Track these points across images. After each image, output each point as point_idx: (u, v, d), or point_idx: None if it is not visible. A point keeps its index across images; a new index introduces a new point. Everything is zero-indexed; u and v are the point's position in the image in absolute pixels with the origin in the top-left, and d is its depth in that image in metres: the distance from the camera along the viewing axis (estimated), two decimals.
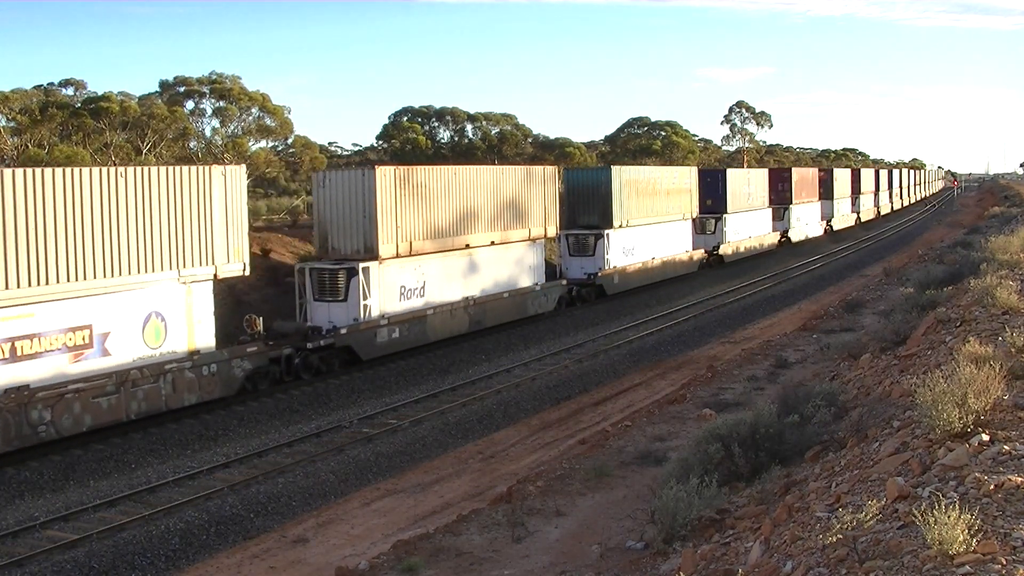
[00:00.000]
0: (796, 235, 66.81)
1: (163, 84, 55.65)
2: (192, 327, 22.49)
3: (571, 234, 40.81)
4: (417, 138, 73.27)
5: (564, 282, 38.48)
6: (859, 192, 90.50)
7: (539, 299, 35.74)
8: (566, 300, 38.53)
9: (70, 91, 56.45)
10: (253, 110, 54.50)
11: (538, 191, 35.91)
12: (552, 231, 37.08)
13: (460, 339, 31.74)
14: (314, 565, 14.90)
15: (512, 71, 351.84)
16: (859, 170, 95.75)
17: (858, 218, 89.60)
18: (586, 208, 41.92)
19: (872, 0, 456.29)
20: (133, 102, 50.31)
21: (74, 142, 45.20)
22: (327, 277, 27.80)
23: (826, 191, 76.73)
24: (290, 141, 61.07)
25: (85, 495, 18.13)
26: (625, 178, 42.68)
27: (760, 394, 21.67)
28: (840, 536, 7.44)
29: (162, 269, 21.66)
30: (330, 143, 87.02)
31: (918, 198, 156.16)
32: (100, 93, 51.02)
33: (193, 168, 23.18)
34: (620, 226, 41.73)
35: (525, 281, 35.20)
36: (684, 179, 48.99)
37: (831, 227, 77.21)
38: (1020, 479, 7.38)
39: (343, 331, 26.85)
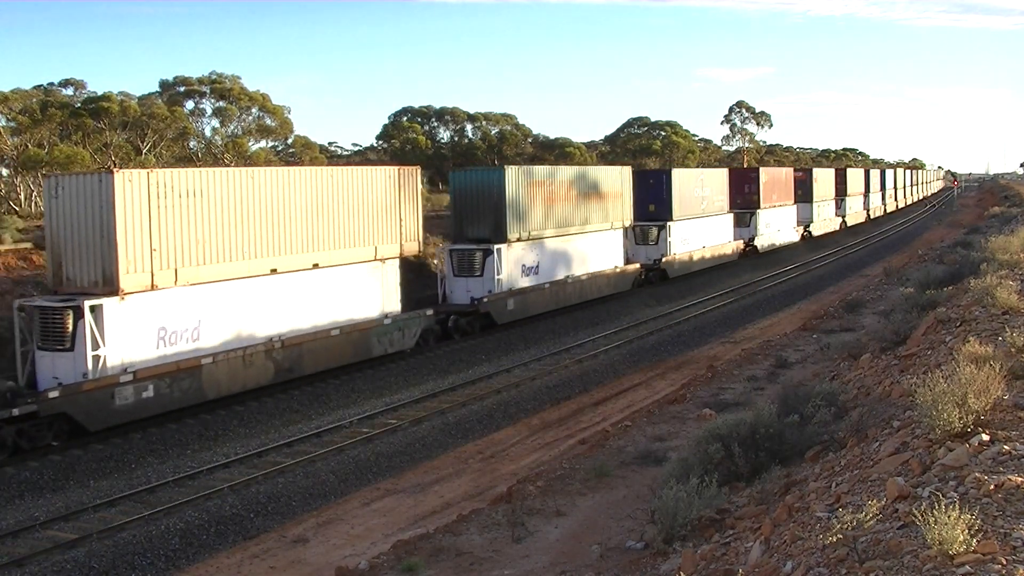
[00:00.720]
0: (763, 243, 59.39)
1: (163, 84, 55.79)
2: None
3: (455, 250, 33.94)
4: (417, 138, 73.31)
5: (430, 312, 31.06)
6: (845, 194, 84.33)
7: (389, 335, 28.68)
8: (436, 334, 31.68)
9: (70, 91, 56.53)
10: (253, 110, 54.61)
11: (389, 198, 29.09)
12: (413, 247, 30.33)
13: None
14: (314, 565, 14.91)
15: (512, 71, 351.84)
16: (845, 170, 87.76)
17: (843, 222, 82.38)
18: (475, 218, 34.51)
19: (872, 0, 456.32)
20: (133, 102, 50.36)
21: (74, 142, 45.24)
22: (50, 319, 21.02)
23: (804, 193, 70.34)
24: (290, 141, 61.22)
25: (85, 495, 18.13)
26: (525, 180, 35.34)
27: (760, 394, 21.67)
28: (840, 536, 7.44)
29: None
30: (330, 143, 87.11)
31: (915, 199, 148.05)
32: (100, 93, 51.11)
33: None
34: (517, 239, 34.58)
35: (366, 312, 28.16)
36: (614, 181, 41.60)
37: (809, 233, 70.11)
38: (1020, 479, 7.38)
39: (54, 395, 19.86)
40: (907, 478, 8.31)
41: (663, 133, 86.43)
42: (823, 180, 75.90)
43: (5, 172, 47.00)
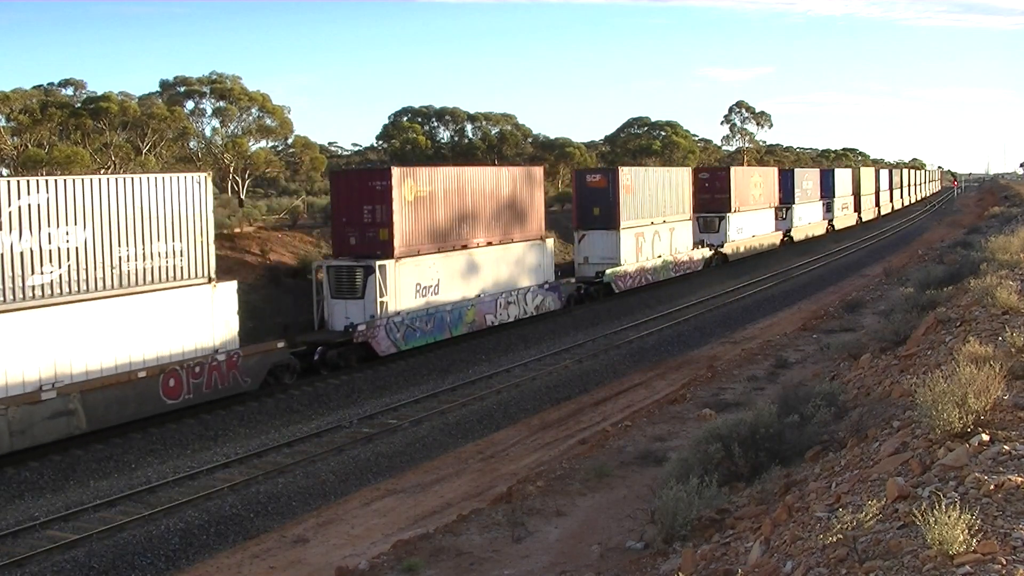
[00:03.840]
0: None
1: (163, 84, 55.76)
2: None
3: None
4: (417, 138, 73.29)
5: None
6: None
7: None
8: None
9: (70, 91, 56.52)
10: (253, 110, 54.57)
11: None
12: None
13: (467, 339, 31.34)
14: (314, 565, 14.91)
15: (512, 71, 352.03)
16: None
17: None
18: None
19: (872, 0, 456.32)
20: (133, 102, 50.35)
21: (74, 142, 45.25)
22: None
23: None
24: (290, 141, 61.18)
25: (85, 495, 18.13)
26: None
27: (760, 394, 21.67)
28: (840, 536, 7.44)
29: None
30: (330, 143, 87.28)
31: (910, 202, 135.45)
32: (100, 93, 51.10)
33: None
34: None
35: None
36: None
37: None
38: (1020, 479, 7.38)
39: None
40: (907, 478, 8.31)
41: (663, 133, 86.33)
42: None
43: (5, 172, 46.97)
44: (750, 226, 57.03)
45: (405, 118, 77.14)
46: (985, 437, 8.49)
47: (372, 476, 19.64)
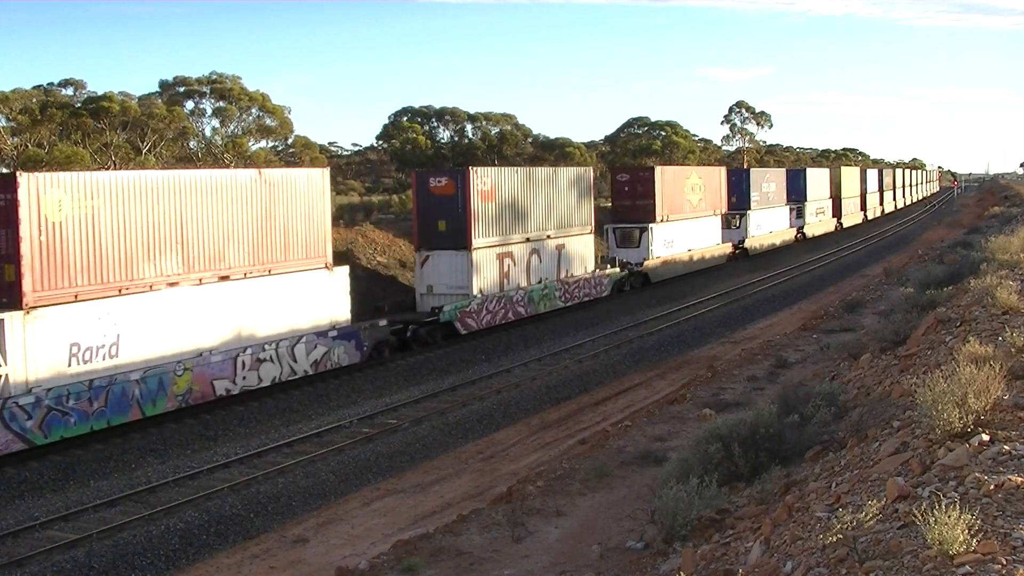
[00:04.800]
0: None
1: (163, 84, 55.77)
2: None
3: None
4: (417, 138, 73.30)
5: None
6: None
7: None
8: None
9: (70, 91, 56.56)
10: (253, 110, 54.57)
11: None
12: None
13: (460, 340, 31.44)
14: (314, 565, 14.91)
15: (512, 71, 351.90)
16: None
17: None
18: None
19: (872, 0, 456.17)
20: (133, 102, 50.37)
21: (74, 142, 45.26)
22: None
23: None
24: (290, 141, 61.15)
25: (85, 495, 18.13)
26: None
27: (760, 394, 21.67)
28: (840, 536, 7.44)
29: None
30: (330, 143, 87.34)
31: (904, 205, 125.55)
32: (100, 93, 51.13)
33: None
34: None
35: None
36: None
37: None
38: (1020, 479, 7.38)
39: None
40: (907, 478, 8.31)
41: (663, 133, 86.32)
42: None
43: (5, 172, 46.98)
44: (684, 238, 47.68)
45: (405, 118, 77.18)
46: (985, 437, 8.49)
47: (372, 476, 19.64)
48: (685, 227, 48.02)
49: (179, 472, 19.40)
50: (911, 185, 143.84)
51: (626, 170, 50.09)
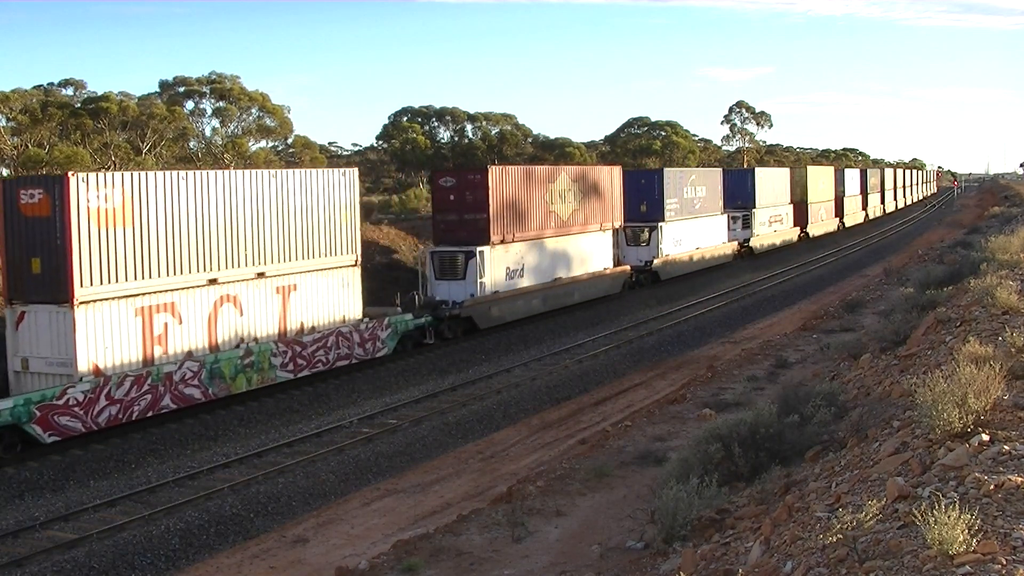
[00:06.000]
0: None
1: (163, 84, 55.82)
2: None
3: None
4: (417, 138, 73.32)
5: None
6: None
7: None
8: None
9: (70, 91, 56.54)
10: (253, 110, 54.61)
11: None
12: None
13: (459, 341, 31.40)
14: (314, 565, 14.91)
15: (512, 71, 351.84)
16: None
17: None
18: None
19: (872, 0, 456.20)
20: (132, 102, 50.36)
21: (73, 142, 45.27)
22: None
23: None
24: (290, 141, 61.22)
25: (85, 495, 18.12)
26: None
27: (760, 394, 21.67)
28: (840, 536, 7.44)
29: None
30: (330, 143, 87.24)
31: (895, 208, 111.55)
32: (100, 93, 51.13)
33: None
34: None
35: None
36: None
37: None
38: (1020, 479, 7.38)
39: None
40: (907, 478, 8.31)
41: (663, 133, 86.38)
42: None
43: (6, 172, 46.98)
44: (545, 264, 35.92)
45: (405, 118, 77.22)
46: (985, 437, 8.49)
47: (372, 476, 19.64)
48: (546, 249, 36.08)
49: (179, 472, 19.40)
50: (904, 186, 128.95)
51: (451, 172, 37.44)
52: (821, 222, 72.20)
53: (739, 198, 56.85)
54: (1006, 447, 8.23)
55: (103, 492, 18.28)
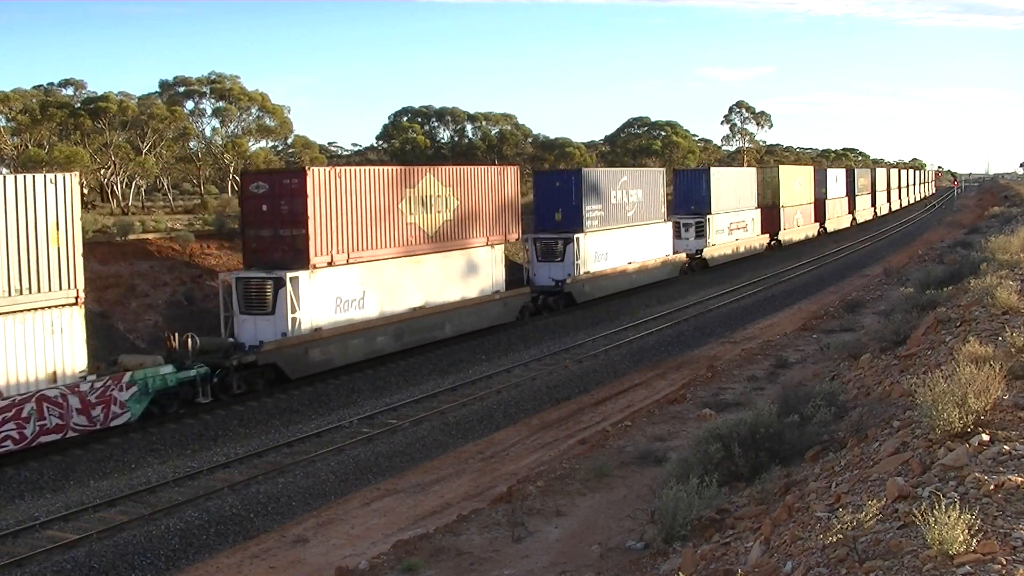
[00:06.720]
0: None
1: (163, 84, 55.85)
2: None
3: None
4: (417, 138, 73.31)
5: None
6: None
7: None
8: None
9: (70, 91, 56.58)
10: (253, 110, 54.63)
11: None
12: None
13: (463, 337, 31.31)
14: (314, 565, 14.90)
15: (512, 71, 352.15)
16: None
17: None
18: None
19: (872, 0, 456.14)
20: (132, 102, 50.38)
21: (73, 142, 45.28)
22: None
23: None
24: (290, 141, 61.28)
25: (85, 495, 18.12)
26: None
27: (760, 394, 21.67)
28: (840, 536, 7.44)
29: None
30: (330, 143, 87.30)
31: (889, 211, 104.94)
32: (100, 93, 51.15)
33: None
34: None
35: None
36: None
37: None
38: (1020, 479, 7.38)
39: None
40: (907, 478, 8.31)
41: (663, 133, 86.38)
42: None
43: (5, 172, 47.01)
44: (398, 291, 28.97)
45: (405, 118, 77.18)
46: (985, 437, 8.49)
47: (372, 476, 19.63)
48: (400, 272, 29.15)
49: (179, 472, 19.39)
50: (900, 187, 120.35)
51: (264, 175, 29.47)
52: (797, 228, 65.95)
53: (693, 202, 51.65)
54: (1006, 447, 8.23)
55: (103, 492, 18.27)
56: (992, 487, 7.34)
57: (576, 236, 38.22)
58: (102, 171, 48.29)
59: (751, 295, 42.65)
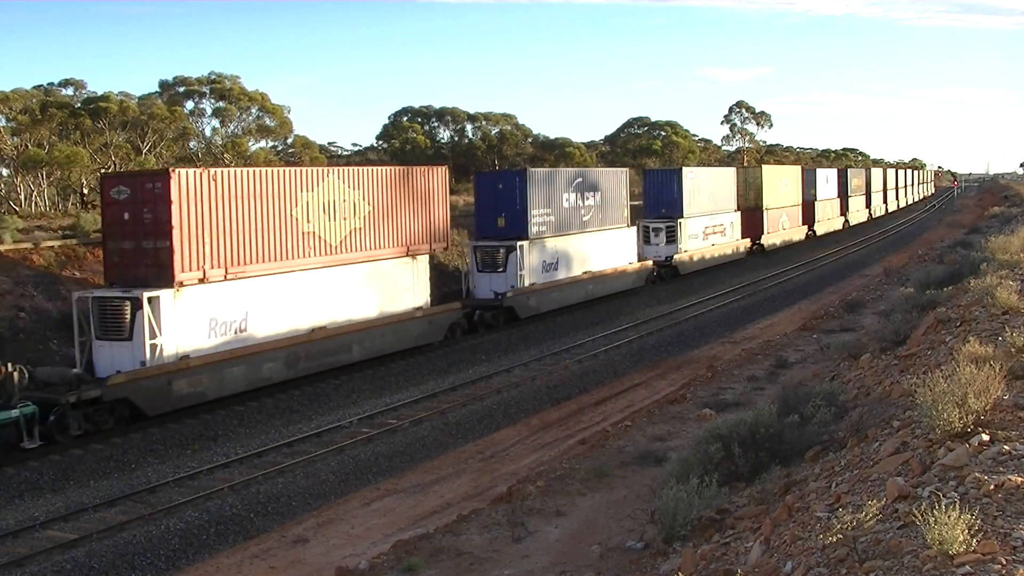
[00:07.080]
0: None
1: (163, 84, 55.86)
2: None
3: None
4: (417, 138, 73.33)
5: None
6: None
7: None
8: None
9: (70, 91, 56.55)
10: (253, 110, 54.63)
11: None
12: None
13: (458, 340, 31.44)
14: (314, 565, 14.90)
15: (512, 71, 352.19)
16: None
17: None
18: None
19: (872, 0, 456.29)
20: (132, 102, 50.38)
21: (73, 142, 45.26)
22: None
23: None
24: (290, 141, 61.23)
25: (85, 495, 18.12)
26: None
27: (760, 394, 21.67)
28: (840, 536, 7.44)
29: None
30: (330, 143, 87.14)
31: (885, 212, 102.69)
32: (100, 93, 51.14)
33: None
34: None
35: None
36: None
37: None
38: (1020, 479, 7.38)
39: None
40: (907, 478, 8.31)
41: (663, 133, 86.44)
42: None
43: (5, 172, 46.98)
44: (290, 310, 25.42)
45: (405, 118, 77.24)
46: (985, 437, 8.49)
47: (372, 476, 19.63)
48: (294, 288, 25.63)
49: (179, 472, 19.40)
50: (897, 188, 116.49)
51: (125, 177, 25.38)
52: (782, 231, 62.84)
53: (663, 205, 48.66)
54: (1006, 447, 8.23)
55: (103, 492, 18.27)
56: (992, 487, 7.34)
57: (520, 244, 34.81)
58: (102, 171, 48.21)
59: (729, 303, 40.99)
